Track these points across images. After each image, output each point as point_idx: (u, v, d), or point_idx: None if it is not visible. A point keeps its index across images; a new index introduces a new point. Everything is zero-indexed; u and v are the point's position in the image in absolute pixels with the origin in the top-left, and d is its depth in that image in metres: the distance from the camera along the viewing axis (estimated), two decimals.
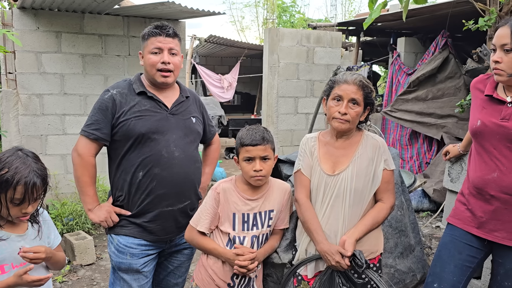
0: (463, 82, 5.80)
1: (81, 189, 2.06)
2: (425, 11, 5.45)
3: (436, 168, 5.41)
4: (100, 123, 2.03)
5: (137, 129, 2.00)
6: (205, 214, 1.89)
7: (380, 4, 4.18)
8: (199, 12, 4.89)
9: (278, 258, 2.05)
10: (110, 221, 2.04)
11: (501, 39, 1.85)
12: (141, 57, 2.10)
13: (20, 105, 4.64)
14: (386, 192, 1.90)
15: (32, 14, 4.60)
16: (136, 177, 2.02)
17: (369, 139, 1.93)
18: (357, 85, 1.84)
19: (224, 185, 1.92)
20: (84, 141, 2.04)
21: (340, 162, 1.89)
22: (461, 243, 2.02)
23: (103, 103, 2.04)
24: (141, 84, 2.09)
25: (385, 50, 7.50)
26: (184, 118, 2.13)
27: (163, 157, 2.02)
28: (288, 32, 6.16)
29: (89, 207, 2.06)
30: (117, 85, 2.11)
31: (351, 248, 1.76)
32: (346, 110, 1.83)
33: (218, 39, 9.77)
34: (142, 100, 2.05)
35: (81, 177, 2.04)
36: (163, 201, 2.05)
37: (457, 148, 2.63)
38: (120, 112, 2.02)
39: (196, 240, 1.93)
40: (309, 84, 6.30)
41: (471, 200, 2.03)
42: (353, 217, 1.85)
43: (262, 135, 1.87)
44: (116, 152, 2.08)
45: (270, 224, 1.95)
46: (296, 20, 18.92)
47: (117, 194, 2.09)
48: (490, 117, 1.95)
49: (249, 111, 12.78)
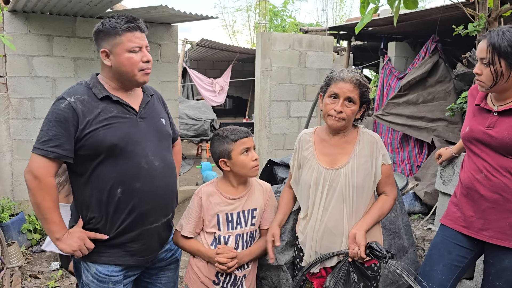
0: (453, 86, 5.87)
1: (44, 217, 1.73)
2: (415, 16, 5.52)
3: (427, 171, 5.46)
4: (60, 138, 1.70)
5: (108, 139, 1.72)
6: (189, 219, 1.97)
7: (372, 9, 4.24)
8: (192, 16, 4.90)
9: (274, 260, 2.06)
10: (84, 249, 1.76)
11: (480, 53, 1.90)
12: (107, 55, 1.77)
13: (11, 109, 4.60)
14: (387, 185, 1.94)
15: (23, 17, 4.57)
16: (113, 194, 1.76)
17: (365, 136, 1.95)
18: (354, 83, 1.85)
19: (205, 189, 1.98)
20: (41, 161, 1.70)
21: (338, 159, 1.91)
22: (451, 243, 2.07)
23: (60, 114, 1.71)
24: (102, 87, 1.80)
25: (375, 55, 7.56)
26: (154, 121, 1.90)
27: (143, 169, 1.79)
28: (280, 36, 6.19)
29: (56, 236, 1.74)
30: (73, 91, 1.78)
31: (363, 240, 1.78)
32: (342, 108, 1.84)
33: (209, 43, 9.80)
34: (107, 106, 1.77)
35: (42, 202, 1.71)
36: (148, 218, 1.83)
37: (449, 151, 2.69)
38: (84, 123, 1.72)
39: (182, 243, 1.99)
40: (301, 88, 6.33)
41: (462, 200, 2.08)
42: (357, 215, 1.87)
43: (245, 128, 1.99)
44: (83, 167, 1.77)
45: (254, 222, 1.99)
46: (287, 25, 19.01)
47: (88, 216, 1.80)
48: (478, 125, 2.02)
49: (240, 115, 12.81)
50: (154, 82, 5.34)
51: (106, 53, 1.78)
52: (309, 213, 1.92)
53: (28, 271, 3.80)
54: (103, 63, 1.80)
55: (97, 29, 1.79)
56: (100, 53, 1.78)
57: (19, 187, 4.71)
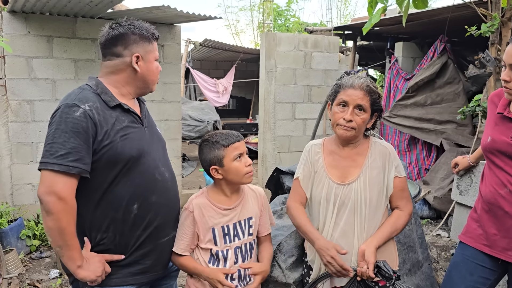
0: (462, 87, 5.74)
1: (67, 243, 1.54)
2: (423, 15, 5.39)
3: (436, 174, 5.33)
4: (80, 151, 1.53)
5: (126, 152, 1.60)
6: (182, 235, 1.79)
7: (380, 9, 4.10)
8: (195, 17, 4.79)
9: (282, 277, 1.94)
10: (104, 274, 1.63)
11: (509, 58, 1.75)
12: (138, 61, 1.67)
13: (10, 112, 4.50)
14: (402, 199, 1.81)
15: (22, 18, 4.47)
16: (129, 211, 1.63)
17: (377, 146, 1.83)
18: (364, 90, 1.74)
19: (196, 201, 1.80)
20: (62, 179, 1.50)
21: (349, 172, 1.79)
22: (472, 264, 1.92)
23: (78, 123, 1.53)
24: (111, 94, 1.67)
25: (382, 55, 7.44)
26: (155, 130, 1.82)
27: (158, 181, 1.71)
28: (285, 36, 6.07)
29: (78, 263, 1.57)
30: (84, 97, 1.60)
31: (373, 257, 1.66)
32: (352, 117, 1.72)
33: (213, 43, 9.68)
34: (119, 115, 1.65)
35: (68, 227, 1.52)
36: (161, 232, 1.74)
37: (467, 160, 2.54)
38: (103, 134, 1.57)
39: (178, 262, 1.82)
40: (306, 89, 6.21)
41: (483, 216, 1.93)
42: (369, 231, 1.75)
43: (236, 132, 1.83)
44: (94, 184, 1.60)
45: (251, 232, 1.85)
46: (291, 24, 18.88)
47: (98, 237, 1.64)
48: (500, 135, 1.87)
49: (244, 116, 12.70)
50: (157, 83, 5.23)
51: (138, 58, 1.67)
52: (320, 229, 1.80)
53: (26, 279, 3.70)
54: (123, 67, 1.68)
55: (128, 31, 1.67)
56: (133, 57, 1.66)
57: (18, 191, 4.61)
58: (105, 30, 1.69)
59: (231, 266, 1.78)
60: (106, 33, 1.69)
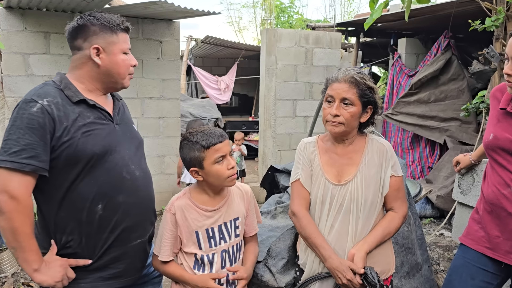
0: (466, 84, 5.63)
1: (21, 245, 1.45)
2: (426, 11, 5.29)
3: (439, 173, 5.23)
4: (36, 148, 1.45)
5: (89, 148, 1.52)
6: (164, 240, 1.67)
7: (382, 4, 4.01)
8: (194, 12, 4.71)
9: (273, 281, 1.86)
10: (66, 280, 1.53)
11: None
12: (98, 53, 1.58)
13: (6, 109, 4.45)
14: (396, 200, 1.72)
15: (19, 14, 4.41)
16: (93, 212, 1.55)
17: (374, 144, 1.75)
18: (349, 82, 1.65)
19: (178, 203, 1.69)
20: (15, 177, 1.42)
21: (345, 170, 1.71)
22: (474, 267, 1.83)
23: (34, 119, 1.46)
24: (75, 89, 1.59)
25: (385, 51, 7.33)
26: (128, 128, 1.74)
27: (126, 179, 1.61)
28: (286, 32, 5.97)
29: (35, 266, 1.48)
30: (44, 92, 1.53)
31: (362, 263, 1.58)
32: (338, 112, 1.64)
33: (214, 40, 9.61)
34: (83, 111, 1.57)
35: (21, 228, 1.44)
36: (132, 233, 1.64)
37: (468, 158, 2.45)
38: (62, 130, 1.49)
39: (162, 269, 1.72)
40: (307, 86, 6.11)
41: (485, 217, 1.84)
42: (363, 232, 1.67)
43: (219, 130, 1.69)
44: (55, 183, 1.53)
45: (238, 233, 1.75)
46: (295, 21, 18.75)
47: (63, 240, 1.56)
48: (503, 131, 1.78)
49: (246, 113, 12.60)
50: (155, 80, 5.17)
51: (98, 50, 1.58)
52: None
53: (21, 278, 3.65)
54: (85, 61, 1.61)
55: (87, 22, 1.59)
56: (92, 49, 1.58)
57: None
58: (70, 24, 1.64)
59: (218, 271, 1.69)
60: (69, 26, 1.63)
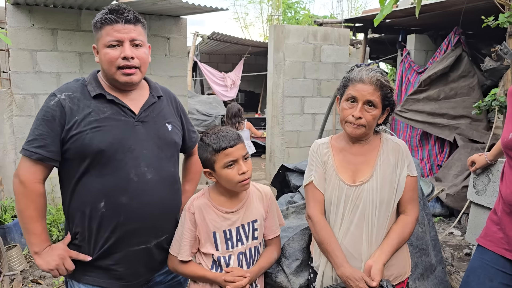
0: (477, 81, 5.55)
1: (25, 226, 1.57)
2: (436, 7, 5.22)
3: (449, 171, 5.18)
4: (46, 138, 1.54)
5: (95, 144, 1.53)
6: (184, 240, 1.65)
7: (392, 0, 3.96)
8: (201, 8, 4.67)
9: (287, 282, 1.84)
10: (63, 270, 1.58)
11: None
12: (96, 52, 1.63)
13: (14, 106, 4.45)
14: (410, 202, 1.68)
15: (26, 10, 4.39)
16: (96, 208, 1.56)
17: (389, 143, 1.71)
18: (374, 84, 1.61)
19: (197, 202, 1.67)
20: (26, 163, 1.55)
21: (360, 170, 1.67)
22: (492, 269, 1.79)
23: (48, 111, 1.55)
24: (98, 84, 1.63)
25: (393, 48, 7.25)
26: (157, 126, 1.68)
27: (132, 181, 1.57)
28: (294, 29, 5.92)
29: (35, 249, 1.57)
30: (67, 87, 1.62)
31: (379, 276, 1.53)
32: (361, 114, 1.61)
33: (221, 36, 9.57)
34: (99, 106, 1.58)
35: (25, 211, 1.55)
36: (134, 238, 1.61)
37: (484, 158, 2.40)
38: (72, 123, 1.54)
39: (181, 270, 1.69)
40: (315, 83, 6.06)
41: (504, 219, 1.80)
42: (378, 234, 1.63)
43: (234, 133, 1.64)
44: (68, 174, 1.60)
45: (257, 236, 1.72)
46: (301, 17, 18.65)
47: (74, 230, 1.63)
48: None
49: (253, 110, 12.57)
50: (162, 77, 5.14)
51: (95, 49, 1.64)
52: None
53: (30, 275, 3.66)
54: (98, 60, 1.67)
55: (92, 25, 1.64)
56: (93, 49, 1.66)
57: None
58: None
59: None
60: None
